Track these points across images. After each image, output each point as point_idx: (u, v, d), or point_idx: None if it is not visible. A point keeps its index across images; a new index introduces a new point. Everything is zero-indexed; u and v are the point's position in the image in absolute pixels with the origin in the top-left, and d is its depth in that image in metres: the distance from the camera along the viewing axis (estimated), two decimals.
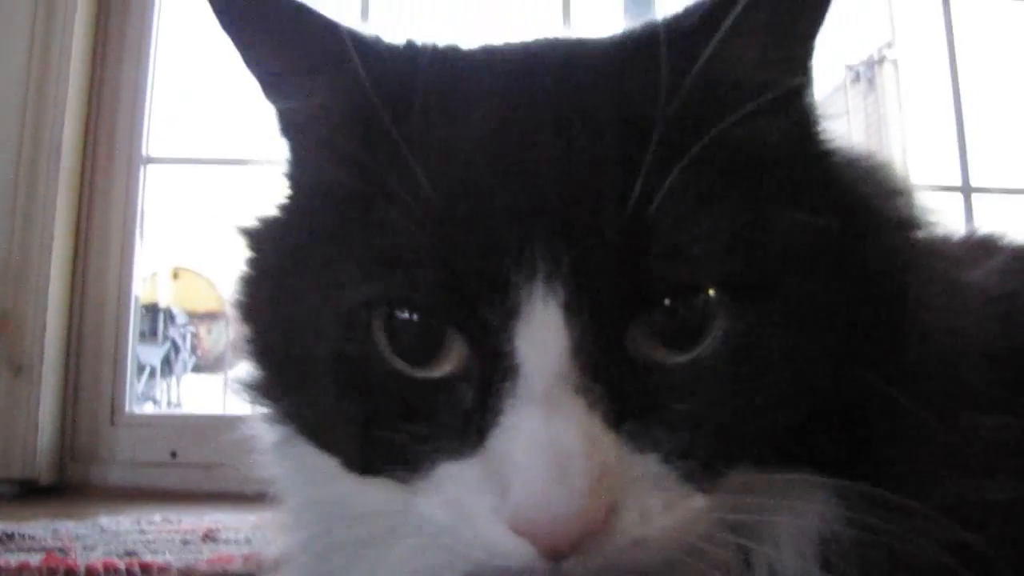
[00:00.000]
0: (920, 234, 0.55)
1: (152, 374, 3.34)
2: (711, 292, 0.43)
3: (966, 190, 2.28)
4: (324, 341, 0.47)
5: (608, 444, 0.41)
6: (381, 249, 0.44)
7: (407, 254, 0.43)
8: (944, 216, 0.62)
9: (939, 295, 0.51)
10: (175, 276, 3.98)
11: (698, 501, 0.42)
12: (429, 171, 0.44)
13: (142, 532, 1.29)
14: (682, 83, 0.44)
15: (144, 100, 2.05)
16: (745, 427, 0.44)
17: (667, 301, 0.43)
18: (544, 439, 0.40)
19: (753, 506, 0.44)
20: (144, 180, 2.06)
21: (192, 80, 2.23)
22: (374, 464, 0.47)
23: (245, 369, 0.56)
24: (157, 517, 1.44)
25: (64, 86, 1.93)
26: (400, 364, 0.45)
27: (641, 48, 0.48)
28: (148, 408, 2.97)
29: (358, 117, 0.48)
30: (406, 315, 0.45)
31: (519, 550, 0.41)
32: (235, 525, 1.36)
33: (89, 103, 2.02)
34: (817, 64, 0.53)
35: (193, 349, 4.11)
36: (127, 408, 1.99)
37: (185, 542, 1.21)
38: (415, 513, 0.45)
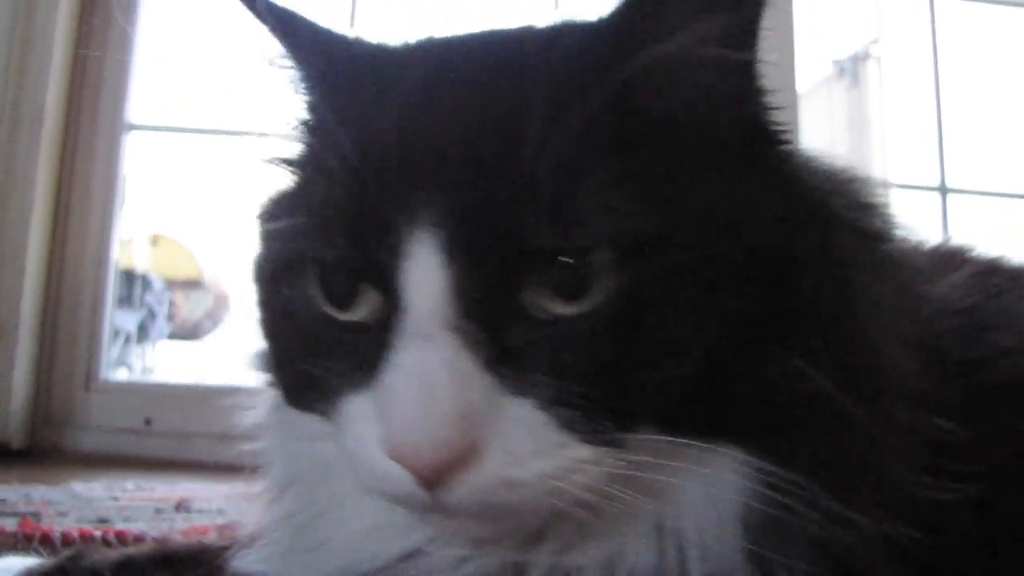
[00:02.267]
0: (888, 246, 0.57)
1: (127, 340, 3.32)
2: (602, 251, 0.45)
3: (943, 190, 2.31)
4: (279, 297, 0.53)
5: (478, 383, 0.44)
6: (314, 212, 0.50)
7: (327, 213, 0.49)
8: (916, 225, 0.63)
9: (899, 304, 0.53)
10: (154, 242, 3.96)
11: (578, 451, 0.44)
12: (352, 143, 0.48)
13: (114, 499, 1.31)
14: (582, 61, 0.48)
15: (129, 66, 2.03)
16: (633, 383, 0.45)
17: (562, 257, 0.45)
18: (417, 372, 0.44)
19: (653, 467, 0.45)
20: (126, 147, 2.05)
21: (178, 47, 2.21)
22: (308, 399, 0.52)
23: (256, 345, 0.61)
24: (130, 484, 1.45)
25: (49, 50, 1.92)
26: (328, 309, 0.50)
27: (550, 33, 0.53)
28: (122, 374, 2.96)
29: (320, 105, 0.54)
30: (331, 270, 0.50)
31: (399, 477, 0.44)
32: (208, 495, 1.37)
33: (74, 68, 2.00)
34: (803, 57, 0.55)
35: (169, 316, 4.09)
36: (102, 374, 1.99)
37: (158, 510, 1.23)
38: (339, 446, 0.49)
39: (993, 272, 0.65)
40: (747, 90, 0.52)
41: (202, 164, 2.31)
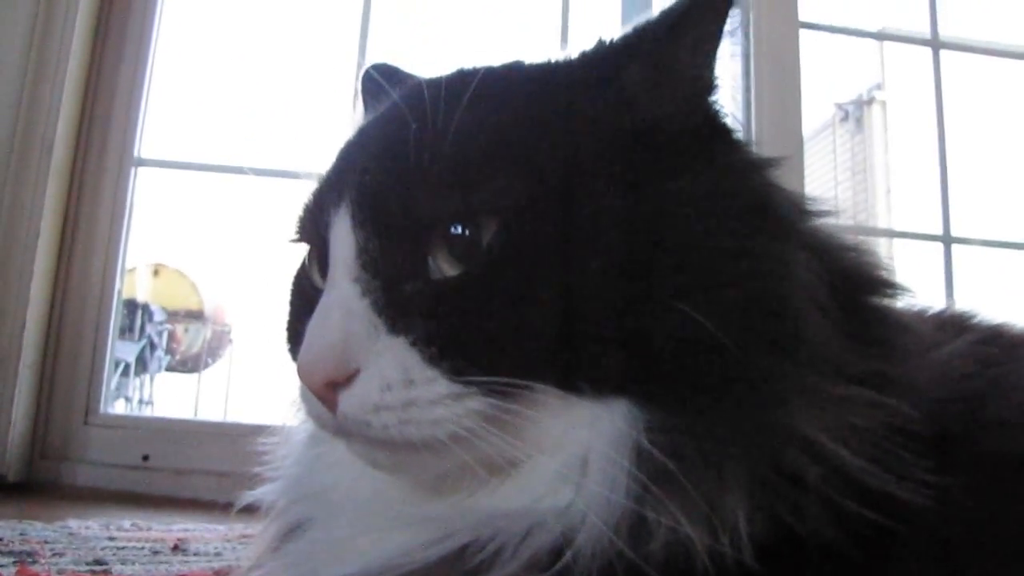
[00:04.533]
0: (875, 300, 0.59)
1: (126, 371, 3.32)
2: (486, 219, 0.53)
3: (947, 240, 2.31)
4: (297, 271, 0.67)
5: (362, 319, 0.53)
6: (306, 207, 0.63)
7: (308, 207, 0.63)
8: (919, 275, 0.63)
9: (818, 274, 0.55)
10: (155, 273, 3.97)
11: (439, 385, 0.52)
12: (335, 160, 0.63)
13: (111, 539, 1.29)
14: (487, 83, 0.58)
15: (140, 102, 2.05)
16: (504, 329, 0.52)
17: (453, 227, 0.53)
18: (320, 310, 0.55)
19: (524, 411, 0.52)
20: (135, 181, 2.06)
21: (189, 85, 2.23)
22: (296, 346, 0.59)
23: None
24: (127, 523, 1.44)
25: (60, 83, 1.93)
26: (317, 279, 0.62)
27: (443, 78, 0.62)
28: (120, 406, 2.95)
29: None
30: (315, 250, 0.62)
31: (310, 395, 0.54)
32: (205, 536, 1.36)
33: (84, 102, 2.02)
34: (807, 100, 0.58)
35: (168, 348, 4.09)
36: (101, 408, 1.98)
37: (155, 552, 1.21)
38: None
39: (994, 340, 0.65)
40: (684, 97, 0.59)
41: (209, 199, 2.32)
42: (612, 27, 0.60)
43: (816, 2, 2.38)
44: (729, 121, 0.60)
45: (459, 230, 0.53)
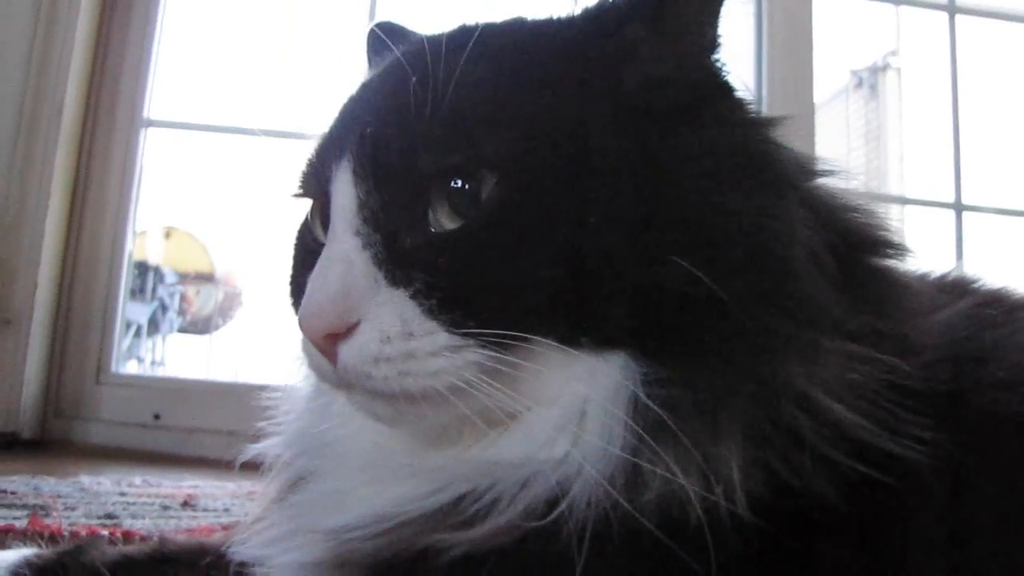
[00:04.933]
0: (875, 260, 0.59)
1: (138, 332, 3.34)
2: (485, 173, 0.53)
3: (958, 207, 2.30)
4: (301, 227, 0.67)
5: (362, 271, 0.54)
6: (309, 163, 0.64)
7: (310, 163, 0.63)
8: (930, 241, 0.63)
9: (818, 235, 0.56)
10: (167, 235, 3.97)
11: (439, 337, 0.52)
12: (337, 115, 0.63)
13: (122, 494, 1.31)
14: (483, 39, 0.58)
15: (148, 64, 2.05)
16: (502, 282, 0.52)
17: (453, 181, 0.54)
18: (322, 262, 0.55)
19: (521, 363, 0.52)
20: (144, 143, 2.06)
21: (198, 46, 2.22)
22: (298, 300, 0.60)
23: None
24: (137, 479, 1.46)
25: (70, 46, 1.93)
26: (320, 233, 0.62)
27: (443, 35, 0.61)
28: (132, 367, 2.98)
29: None
30: (317, 204, 0.63)
31: (311, 348, 0.55)
32: (214, 492, 1.38)
33: (94, 64, 2.02)
34: (820, 67, 0.58)
35: (180, 310, 4.10)
36: (113, 367, 2.00)
37: (164, 507, 1.24)
38: None
39: (994, 303, 0.65)
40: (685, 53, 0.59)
41: (219, 160, 2.32)
42: None
43: None
44: (731, 79, 0.60)
45: (459, 184, 0.54)
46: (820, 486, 0.48)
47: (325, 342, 0.53)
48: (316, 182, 0.61)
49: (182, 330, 4.07)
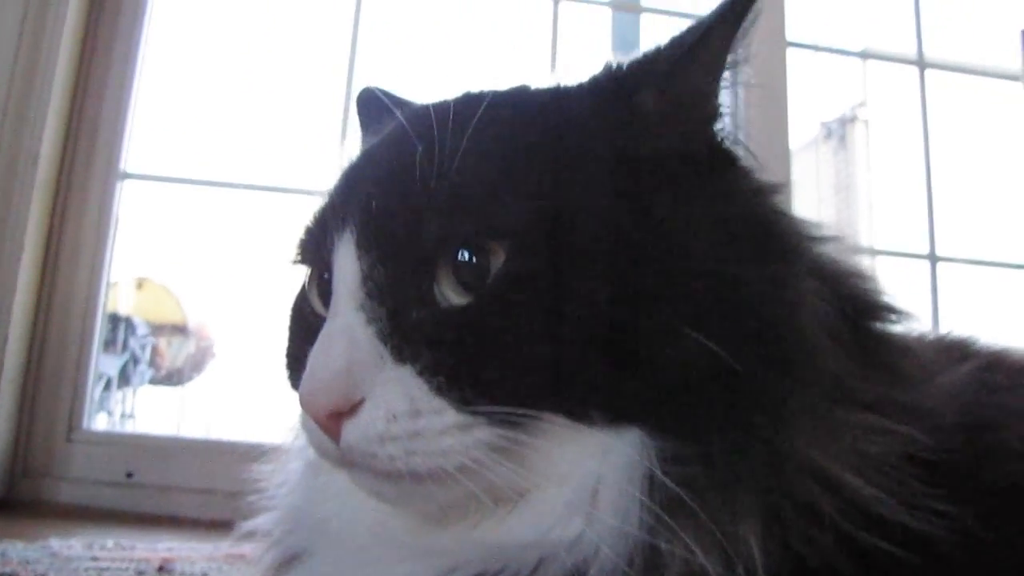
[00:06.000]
0: (880, 326, 0.58)
1: (108, 385, 3.29)
2: (492, 244, 0.52)
3: (933, 258, 2.32)
4: (297, 297, 0.65)
5: (367, 348, 0.52)
6: (308, 231, 0.62)
7: (310, 231, 0.62)
8: (905, 293, 0.64)
9: (829, 302, 0.55)
10: (139, 286, 3.94)
11: (447, 416, 0.50)
12: (338, 182, 0.62)
13: (94, 559, 1.27)
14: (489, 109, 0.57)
15: (126, 115, 2.04)
16: (513, 357, 0.50)
17: (460, 254, 0.52)
18: (324, 337, 0.53)
19: (539, 445, 0.51)
20: (120, 195, 2.04)
21: (175, 98, 2.22)
22: (296, 374, 0.59)
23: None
24: (110, 542, 1.42)
25: (47, 96, 1.92)
26: (318, 306, 0.61)
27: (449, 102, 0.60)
28: (102, 420, 2.92)
29: None
30: (315, 275, 0.61)
31: (312, 425, 0.53)
32: (190, 555, 1.34)
33: (71, 115, 2.00)
34: (793, 118, 0.59)
35: (152, 362, 4.05)
36: (85, 424, 1.96)
37: (139, 572, 1.20)
38: None
39: (998, 367, 0.65)
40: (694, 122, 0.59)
41: (193, 213, 2.31)
42: (601, 44, 0.60)
43: (803, 22, 2.40)
44: (733, 147, 0.60)
45: (465, 256, 0.52)
46: (840, 563, 0.46)
47: (328, 421, 0.51)
48: (315, 252, 0.60)
49: (153, 382, 4.02)
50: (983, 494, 0.51)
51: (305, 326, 0.61)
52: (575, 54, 2.18)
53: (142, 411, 3.88)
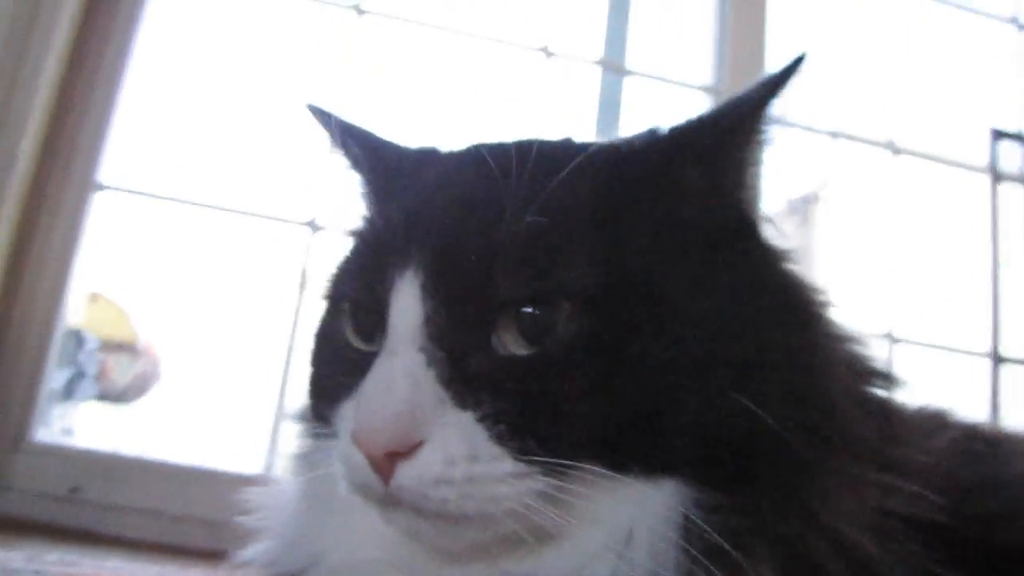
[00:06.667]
0: (878, 392, 0.62)
1: (51, 398, 3.21)
2: (560, 303, 0.54)
3: (891, 339, 2.37)
4: (326, 328, 0.66)
5: (429, 390, 0.53)
6: (351, 263, 0.65)
7: (356, 263, 0.63)
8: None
9: (853, 369, 0.61)
10: (92, 300, 3.86)
11: (507, 464, 0.52)
12: (383, 213, 0.63)
13: (37, 573, 1.24)
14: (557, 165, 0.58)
15: (107, 128, 2.02)
16: (572, 412, 0.53)
17: (525, 307, 0.54)
18: (383, 376, 0.54)
19: (587, 495, 0.53)
20: (92, 207, 2.02)
21: (155, 115, 2.20)
22: (322, 408, 0.62)
23: None
24: (53, 556, 1.39)
25: (30, 102, 1.90)
26: (355, 340, 0.62)
27: (511, 150, 0.62)
28: (41, 432, 2.85)
29: (370, 191, 0.69)
30: (357, 307, 0.62)
31: (360, 462, 0.53)
32: (136, 574, 1.32)
33: (52, 120, 1.98)
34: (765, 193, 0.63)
35: (97, 378, 3.96)
36: (32, 436, 1.91)
37: None
38: (333, 456, 0.59)
39: (974, 436, 0.69)
40: (728, 193, 0.62)
41: (153, 231, 2.27)
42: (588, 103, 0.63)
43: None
44: (755, 214, 0.62)
45: (531, 310, 0.54)
46: None
47: (383, 460, 0.52)
48: (366, 287, 0.60)
49: (97, 399, 3.93)
50: (975, 558, 0.54)
51: (337, 358, 0.62)
52: (560, 111, 2.21)
53: (83, 427, 3.78)
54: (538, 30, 2.33)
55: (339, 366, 0.61)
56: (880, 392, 0.62)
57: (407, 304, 0.56)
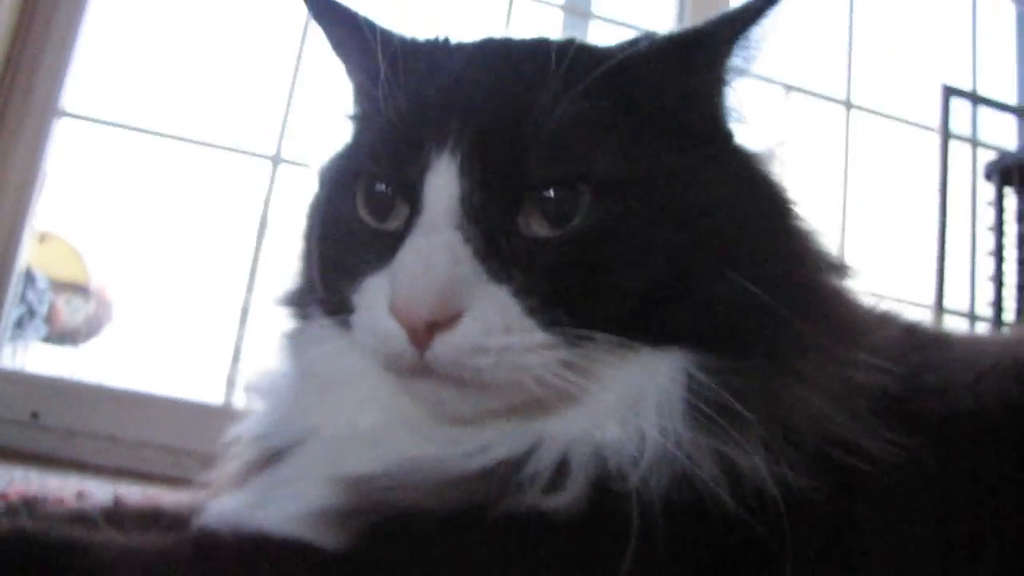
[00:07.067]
0: (835, 280, 0.67)
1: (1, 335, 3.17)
2: (583, 188, 0.58)
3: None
4: (333, 210, 0.66)
5: (467, 264, 0.56)
6: (366, 143, 0.65)
7: (377, 143, 0.63)
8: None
9: (821, 256, 0.66)
10: (42, 240, 3.79)
11: (538, 335, 0.56)
12: (404, 96, 0.63)
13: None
14: (586, 62, 0.61)
15: (70, 54, 1.98)
16: (594, 292, 0.57)
17: (550, 191, 0.58)
18: (422, 250, 0.56)
19: (604, 361, 0.58)
20: (53, 136, 1.98)
21: (116, 41, 2.17)
22: (340, 288, 0.62)
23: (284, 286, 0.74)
24: (17, 474, 1.40)
25: None
26: (368, 218, 0.63)
27: (562, 41, 0.65)
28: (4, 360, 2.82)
29: (376, 76, 0.65)
30: (374, 184, 0.63)
31: (396, 334, 0.56)
32: (105, 493, 1.32)
33: (13, 43, 1.94)
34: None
35: (48, 318, 3.91)
36: None
37: (59, 501, 1.18)
38: (352, 328, 0.61)
39: (917, 329, 0.77)
40: (716, 98, 0.66)
41: (109, 163, 2.22)
42: None
43: None
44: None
45: (555, 194, 0.58)
46: (814, 477, 0.55)
47: (424, 330, 0.55)
48: (391, 165, 0.61)
49: (47, 340, 3.87)
50: (920, 423, 0.60)
51: (348, 236, 0.64)
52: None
53: (32, 367, 3.73)
54: None
55: (351, 244, 0.63)
56: (840, 281, 0.67)
57: (444, 183, 0.58)
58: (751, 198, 0.63)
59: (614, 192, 0.58)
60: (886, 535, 0.57)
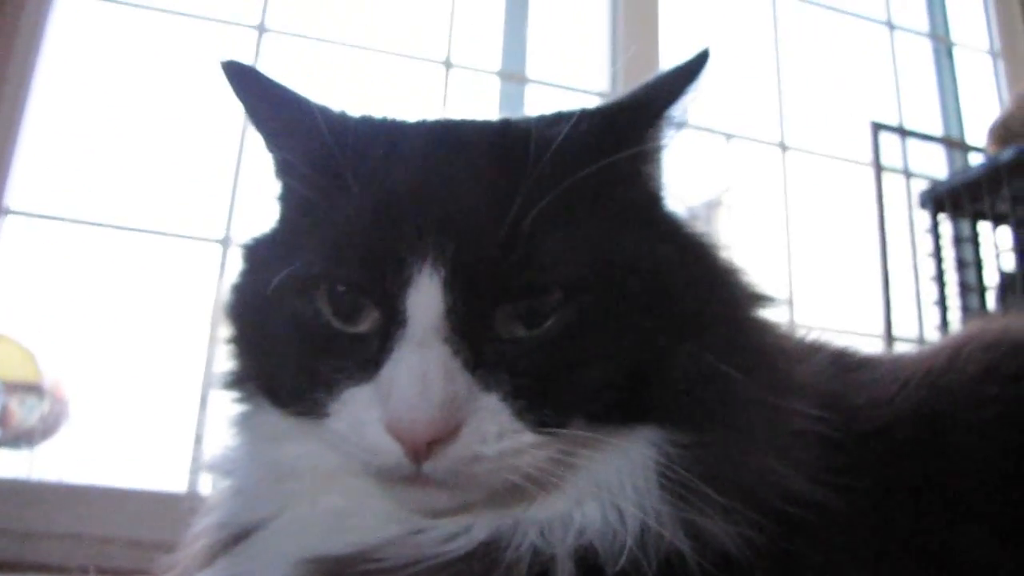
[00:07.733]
0: (764, 314, 0.70)
1: None
2: (555, 291, 0.59)
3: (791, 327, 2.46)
4: (285, 309, 0.63)
5: (461, 380, 0.57)
6: (327, 242, 0.62)
7: (343, 245, 0.61)
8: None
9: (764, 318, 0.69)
10: None
11: (527, 437, 0.58)
12: (363, 190, 0.62)
13: None
14: (545, 154, 0.61)
15: (13, 150, 1.99)
16: (570, 386, 0.59)
17: (526, 295, 0.59)
18: (416, 367, 0.56)
19: (581, 453, 0.60)
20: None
21: (60, 136, 2.17)
22: (307, 392, 0.62)
23: (225, 366, 0.72)
24: None
25: None
26: (334, 321, 0.61)
27: (518, 131, 0.66)
28: None
29: (323, 159, 0.65)
30: (339, 288, 0.61)
31: (391, 449, 0.56)
32: None
33: None
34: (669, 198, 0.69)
35: (1, 421, 3.82)
36: None
37: None
38: (328, 433, 0.61)
39: (843, 356, 0.80)
40: (649, 174, 0.68)
41: (58, 258, 2.21)
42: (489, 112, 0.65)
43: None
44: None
45: (530, 296, 0.59)
46: (771, 531, 0.59)
47: (425, 446, 0.56)
48: (368, 273, 0.60)
49: (1, 444, 3.78)
50: (853, 450, 0.64)
51: (314, 340, 0.62)
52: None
53: None
54: (438, 44, 2.39)
55: (317, 347, 0.61)
56: (769, 312, 0.70)
57: (429, 297, 0.58)
58: (693, 266, 0.65)
59: (583, 290, 0.59)
60: (828, 571, 0.61)
